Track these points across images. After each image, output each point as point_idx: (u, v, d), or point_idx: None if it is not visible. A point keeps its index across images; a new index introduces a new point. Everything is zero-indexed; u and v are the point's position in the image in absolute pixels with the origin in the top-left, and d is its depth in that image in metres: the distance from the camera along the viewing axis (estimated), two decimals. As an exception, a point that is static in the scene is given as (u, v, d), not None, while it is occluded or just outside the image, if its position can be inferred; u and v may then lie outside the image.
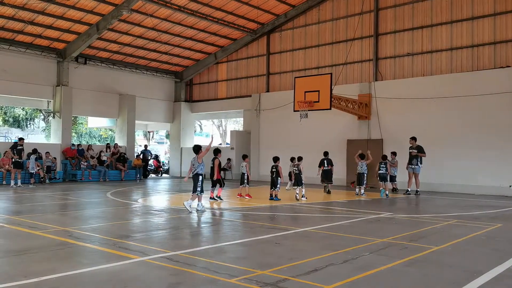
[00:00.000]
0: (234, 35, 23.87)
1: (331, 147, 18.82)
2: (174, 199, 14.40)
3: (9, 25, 19.17)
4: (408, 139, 16.03)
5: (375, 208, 11.73)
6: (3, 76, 19.86)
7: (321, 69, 21.43)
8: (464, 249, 6.60)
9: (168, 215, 10.34)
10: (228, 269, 5.17)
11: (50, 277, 4.74)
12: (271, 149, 21.97)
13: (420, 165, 15.65)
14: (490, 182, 16.11)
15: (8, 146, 19.18)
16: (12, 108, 38.08)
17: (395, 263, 5.55)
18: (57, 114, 21.60)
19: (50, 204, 12.34)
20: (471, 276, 5.01)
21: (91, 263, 5.43)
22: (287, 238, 7.21)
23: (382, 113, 18.86)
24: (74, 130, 37.44)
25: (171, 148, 28.53)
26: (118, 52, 23.34)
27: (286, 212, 10.82)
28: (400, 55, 19.19)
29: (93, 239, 6.95)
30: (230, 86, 25.63)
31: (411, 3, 18.91)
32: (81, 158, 21.35)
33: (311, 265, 5.37)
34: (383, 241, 6.94)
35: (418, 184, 15.59)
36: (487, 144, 16.27)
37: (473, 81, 16.78)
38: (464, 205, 12.74)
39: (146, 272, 5.05)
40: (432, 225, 8.69)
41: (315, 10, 21.88)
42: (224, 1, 20.55)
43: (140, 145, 39.95)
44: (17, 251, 6.08)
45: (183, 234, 7.71)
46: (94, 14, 19.59)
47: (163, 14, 20.72)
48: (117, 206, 11.55)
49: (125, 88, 24.36)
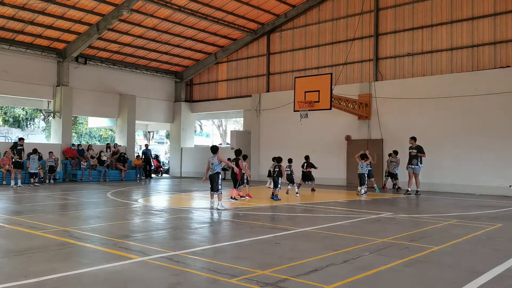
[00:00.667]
0: (234, 35, 23.87)
1: (331, 147, 18.87)
2: (175, 199, 14.40)
3: (9, 25, 19.18)
4: (408, 139, 16.02)
5: (376, 208, 11.73)
6: (3, 76, 19.87)
7: (321, 69, 21.43)
8: (464, 249, 6.60)
9: (168, 215, 10.34)
10: (228, 269, 5.16)
11: (50, 277, 4.74)
12: (271, 149, 21.98)
13: (420, 165, 15.65)
14: (490, 182, 16.11)
15: (8, 146, 19.20)
16: (12, 108, 38.08)
17: (395, 263, 5.54)
18: (57, 114, 21.61)
19: (50, 204, 12.34)
20: (471, 276, 5.01)
21: (91, 263, 5.43)
22: (287, 238, 7.21)
23: (382, 113, 18.86)
24: (74, 130, 37.45)
25: (171, 148, 28.54)
26: (118, 52, 23.34)
27: (286, 212, 10.82)
28: (400, 55, 19.19)
29: (93, 239, 6.95)
30: (230, 86, 25.64)
31: (411, 3, 18.90)
32: (81, 158, 21.36)
33: (311, 265, 5.37)
34: (383, 241, 6.94)
35: (418, 184, 15.59)
36: (487, 144, 16.28)
37: (473, 81, 16.78)
38: (464, 205, 12.74)
39: (146, 272, 5.06)
40: (433, 225, 8.69)
41: (315, 10, 21.88)
42: (224, 1, 20.55)
43: (140, 145, 39.97)
44: (17, 251, 6.08)
45: (183, 234, 7.71)
46: (94, 14, 19.60)
47: (163, 14, 20.73)
48: (117, 206, 11.55)
49: (125, 88, 24.36)
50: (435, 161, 17.19)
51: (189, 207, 11.97)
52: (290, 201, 13.01)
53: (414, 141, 15.83)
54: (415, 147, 15.71)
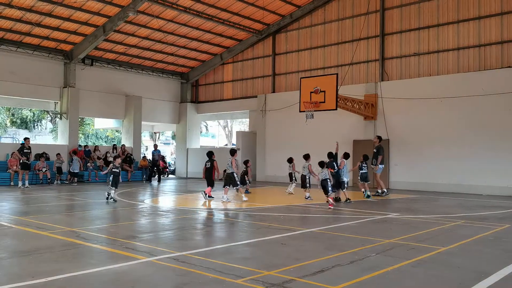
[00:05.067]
0: (240, 36, 23.89)
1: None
2: (181, 200, 14.43)
3: (16, 27, 19.32)
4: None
5: (382, 208, 11.69)
6: (11, 78, 20.01)
7: (327, 69, 21.39)
8: (471, 250, 6.56)
9: (174, 215, 10.37)
10: (234, 269, 5.17)
11: (57, 277, 4.78)
12: (277, 149, 22.01)
13: (380, 166, 14.69)
14: (498, 182, 15.98)
15: (15, 148, 19.33)
16: (19, 110, 38.36)
17: (402, 264, 5.52)
18: (64, 115, 21.73)
19: (57, 204, 12.42)
20: (478, 277, 4.98)
21: (98, 263, 5.46)
22: (294, 239, 7.20)
23: (388, 114, 18.79)
24: (81, 131, 37.65)
25: (177, 149, 28.61)
26: (125, 54, 23.45)
27: (292, 213, 10.80)
28: (406, 55, 19.11)
29: (100, 239, 6.98)
30: (236, 87, 25.66)
31: (417, 3, 18.82)
32: (88, 159, 21.47)
33: (318, 266, 5.36)
34: (390, 242, 6.91)
35: (380, 185, 14.84)
36: (494, 144, 16.16)
37: (480, 81, 16.67)
38: (471, 205, 12.66)
39: (153, 273, 5.07)
40: (440, 226, 8.64)
41: (320, 10, 21.85)
42: (230, 2, 20.57)
43: (147, 146, 40.07)
44: (25, 251, 6.12)
45: (189, 234, 7.72)
46: (100, 16, 19.70)
47: (169, 15, 20.79)
48: (123, 207, 11.59)
49: (131, 89, 24.46)
50: (441, 161, 17.09)
51: (195, 208, 11.99)
52: (294, 202, 12.98)
53: (379, 141, 15.24)
54: (375, 146, 15.05)
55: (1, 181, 18.06)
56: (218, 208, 11.55)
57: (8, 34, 19.68)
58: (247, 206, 11.87)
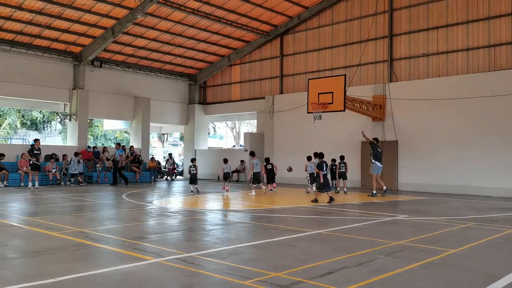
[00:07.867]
0: (248, 37, 23.92)
1: (345, 149, 18.71)
2: (189, 201, 14.46)
3: (27, 29, 19.53)
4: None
5: (391, 210, 11.63)
6: (21, 80, 20.23)
7: (335, 70, 21.33)
8: (481, 252, 6.50)
9: (182, 216, 10.39)
10: (242, 271, 5.17)
11: (66, 278, 4.81)
12: (285, 150, 21.99)
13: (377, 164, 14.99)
14: (508, 184, 15.82)
15: (25, 149, 19.52)
16: (29, 111, 38.73)
17: (410, 266, 5.49)
18: (73, 116, 21.91)
19: (67, 205, 12.51)
20: (488, 280, 4.93)
21: (107, 264, 5.49)
22: (301, 240, 7.18)
23: (396, 115, 18.69)
24: (90, 133, 37.92)
25: (185, 150, 28.69)
26: (133, 55, 23.59)
27: (299, 214, 10.78)
28: (415, 56, 19.00)
29: (109, 240, 7.02)
30: (243, 88, 25.69)
31: (426, 3, 18.71)
32: (97, 160, 21.61)
33: (326, 268, 5.34)
34: (398, 244, 6.87)
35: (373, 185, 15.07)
36: (505, 145, 16.00)
37: (490, 81, 16.52)
38: (481, 207, 12.54)
39: (160, 273, 5.09)
40: (449, 228, 8.57)
41: (328, 11, 21.81)
42: (237, 3, 20.61)
43: (155, 147, 40.22)
44: (34, 251, 6.18)
45: (197, 235, 7.74)
46: (109, 18, 19.84)
47: (177, 17, 20.88)
48: (132, 208, 11.65)
49: (139, 90, 24.60)
50: (451, 163, 16.96)
51: (203, 209, 12.02)
52: (300, 203, 12.96)
53: (370, 138, 15.51)
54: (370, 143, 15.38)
55: (11, 182, 18.25)
56: (229, 209, 11.56)
57: (19, 37, 19.89)
58: (254, 208, 11.87)
